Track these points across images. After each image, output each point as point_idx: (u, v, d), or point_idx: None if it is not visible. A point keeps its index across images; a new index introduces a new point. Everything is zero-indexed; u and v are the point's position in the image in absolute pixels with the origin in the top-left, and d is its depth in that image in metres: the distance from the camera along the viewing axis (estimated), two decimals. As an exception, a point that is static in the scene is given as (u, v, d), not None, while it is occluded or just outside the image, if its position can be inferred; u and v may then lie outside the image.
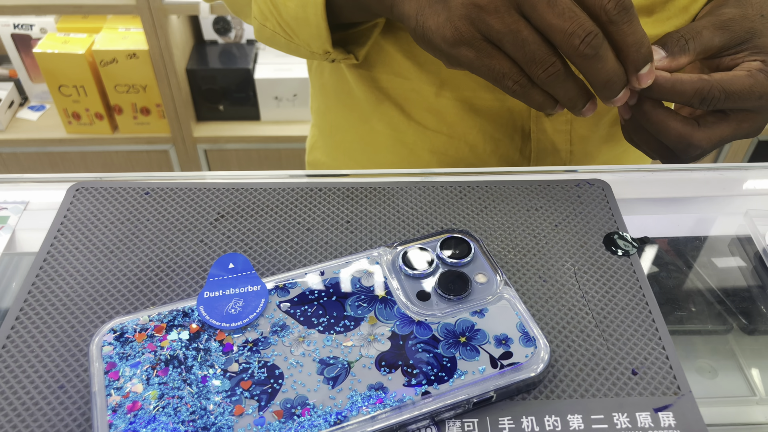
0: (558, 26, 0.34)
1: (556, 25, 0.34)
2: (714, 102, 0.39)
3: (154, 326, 0.32)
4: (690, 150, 0.41)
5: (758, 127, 0.42)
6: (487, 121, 0.55)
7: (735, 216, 0.45)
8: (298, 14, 0.46)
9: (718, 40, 0.42)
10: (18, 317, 0.34)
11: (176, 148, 1.58)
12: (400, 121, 0.57)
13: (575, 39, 0.34)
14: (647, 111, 0.41)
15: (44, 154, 1.58)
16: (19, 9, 1.36)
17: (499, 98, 0.53)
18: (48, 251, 0.38)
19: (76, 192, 0.42)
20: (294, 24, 0.47)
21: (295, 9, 0.46)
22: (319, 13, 0.45)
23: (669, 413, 0.31)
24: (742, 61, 0.41)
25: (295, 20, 0.47)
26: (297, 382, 0.30)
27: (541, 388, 0.32)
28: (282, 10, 0.47)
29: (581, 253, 0.39)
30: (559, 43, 0.35)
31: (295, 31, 0.48)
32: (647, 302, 0.36)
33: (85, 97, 1.46)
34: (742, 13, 0.43)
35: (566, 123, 0.55)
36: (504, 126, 0.55)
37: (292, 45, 0.50)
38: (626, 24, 0.35)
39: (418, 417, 0.29)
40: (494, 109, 0.54)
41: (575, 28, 0.34)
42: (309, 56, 0.51)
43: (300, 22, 0.46)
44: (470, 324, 0.33)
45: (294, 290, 0.34)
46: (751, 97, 0.39)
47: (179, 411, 0.29)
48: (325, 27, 0.45)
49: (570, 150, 0.57)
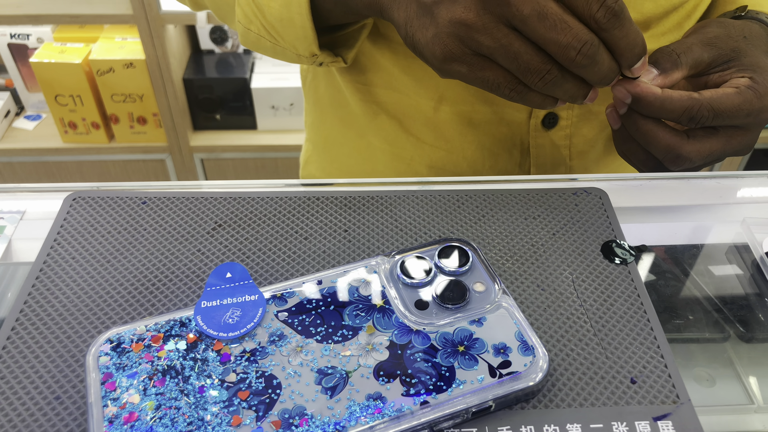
0: (552, 39, 0.34)
1: (550, 38, 0.34)
2: (702, 120, 0.39)
3: (151, 336, 0.32)
4: (678, 161, 0.41)
5: (748, 145, 0.43)
6: (485, 135, 0.55)
7: (732, 224, 0.45)
8: (283, 15, 0.45)
9: (707, 56, 0.42)
10: (14, 327, 0.34)
11: (173, 158, 1.58)
12: (398, 135, 0.57)
13: (571, 51, 0.34)
14: (636, 121, 0.41)
15: (40, 164, 1.57)
16: (15, 19, 1.36)
17: (497, 112, 0.53)
18: (44, 261, 0.38)
19: (72, 201, 0.42)
20: (279, 26, 0.46)
21: (279, 10, 0.44)
22: (303, 13, 0.43)
23: (668, 422, 0.31)
24: (730, 77, 0.42)
25: (279, 21, 0.45)
26: (295, 392, 0.30)
27: (540, 397, 0.32)
28: (266, 12, 0.46)
29: (579, 262, 0.39)
30: (555, 54, 0.35)
31: (281, 34, 0.47)
32: (645, 310, 0.36)
33: (82, 107, 1.46)
34: (726, 33, 0.43)
35: (565, 138, 0.55)
36: (502, 141, 0.55)
37: (278, 48, 0.49)
38: (617, 29, 0.35)
39: (417, 427, 0.29)
40: (493, 123, 0.54)
41: (570, 40, 0.34)
42: (296, 60, 0.50)
43: (285, 23, 0.45)
44: (469, 333, 0.33)
45: (292, 299, 0.34)
46: (738, 115, 0.40)
47: (176, 422, 0.29)
48: (310, 27, 0.44)
49: (569, 165, 0.57)
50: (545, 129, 0.54)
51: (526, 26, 0.34)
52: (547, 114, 0.53)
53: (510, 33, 0.35)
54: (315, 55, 0.48)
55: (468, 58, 0.36)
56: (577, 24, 0.34)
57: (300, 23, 0.44)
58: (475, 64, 0.36)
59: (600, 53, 0.35)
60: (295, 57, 0.49)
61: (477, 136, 0.54)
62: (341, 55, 0.51)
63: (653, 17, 0.50)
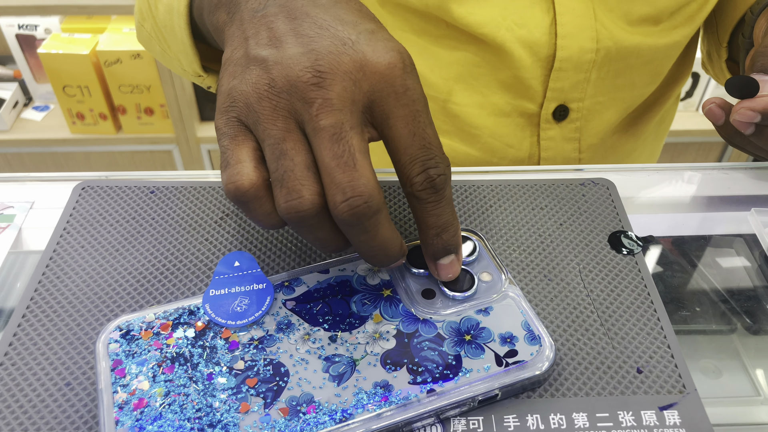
0: (330, 169, 0.28)
1: (328, 165, 0.28)
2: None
3: (160, 324, 0.33)
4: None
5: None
6: (497, 127, 0.55)
7: (740, 215, 0.44)
8: (167, 21, 0.38)
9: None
10: (24, 315, 0.35)
11: (180, 148, 1.58)
12: None
13: (338, 195, 0.28)
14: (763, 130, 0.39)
15: (48, 155, 1.58)
16: (23, 9, 1.36)
17: (510, 103, 0.53)
18: (54, 249, 0.38)
19: (81, 191, 0.42)
20: (165, 31, 0.39)
21: (165, 14, 0.38)
22: (182, 25, 0.37)
23: (674, 411, 0.31)
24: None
25: (164, 27, 0.39)
26: (302, 380, 0.30)
27: (546, 387, 0.32)
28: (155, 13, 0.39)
29: (586, 252, 0.39)
30: (326, 192, 0.28)
31: (167, 41, 0.40)
32: (652, 301, 0.36)
33: (89, 98, 1.47)
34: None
35: (576, 131, 0.55)
36: (514, 132, 0.55)
37: (166, 57, 0.43)
38: (432, 204, 0.30)
39: (424, 415, 0.29)
40: (504, 114, 0.54)
41: (347, 181, 0.27)
42: (184, 75, 0.43)
43: (168, 30, 0.38)
44: (475, 322, 0.33)
45: (299, 288, 0.34)
46: None
47: (185, 408, 0.29)
48: (189, 43, 0.38)
49: (579, 158, 0.57)
50: (555, 121, 0.54)
51: (314, 138, 0.28)
52: (558, 106, 0.53)
53: (296, 137, 0.29)
54: (200, 76, 0.41)
55: (236, 127, 0.30)
56: (366, 172, 0.28)
57: (180, 36, 0.38)
58: (238, 136, 0.30)
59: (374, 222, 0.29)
60: (181, 71, 0.43)
61: (488, 128, 0.54)
62: None
63: (665, 10, 0.50)
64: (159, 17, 0.39)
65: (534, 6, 0.49)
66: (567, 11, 0.49)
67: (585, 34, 0.49)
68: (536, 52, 0.50)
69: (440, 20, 0.50)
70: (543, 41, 0.49)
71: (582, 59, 0.50)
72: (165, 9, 0.37)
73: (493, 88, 0.53)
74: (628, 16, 0.50)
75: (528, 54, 0.50)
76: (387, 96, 0.29)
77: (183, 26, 0.37)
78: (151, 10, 0.40)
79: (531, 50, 0.50)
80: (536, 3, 0.49)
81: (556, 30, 0.49)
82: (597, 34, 0.49)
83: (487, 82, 0.52)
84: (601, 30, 0.49)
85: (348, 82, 0.29)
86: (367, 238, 0.29)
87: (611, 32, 0.50)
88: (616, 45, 0.50)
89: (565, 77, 0.51)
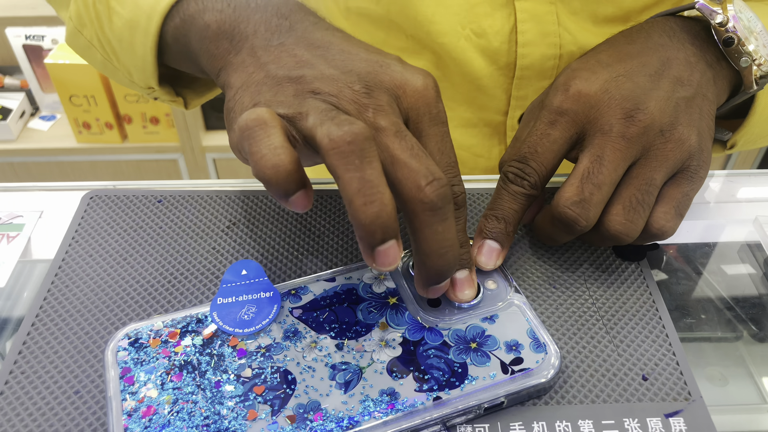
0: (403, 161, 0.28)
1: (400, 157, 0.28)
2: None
3: (168, 332, 0.33)
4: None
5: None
6: (464, 138, 0.54)
7: (744, 222, 0.45)
8: (124, 36, 0.38)
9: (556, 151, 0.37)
10: (33, 323, 0.35)
11: (185, 157, 1.59)
12: None
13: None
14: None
15: (55, 164, 1.59)
16: (30, 20, 1.38)
17: (475, 114, 0.53)
18: (63, 258, 0.38)
19: (90, 200, 0.42)
20: (117, 45, 0.39)
21: (122, 29, 0.38)
22: (148, 45, 0.37)
23: (680, 419, 0.31)
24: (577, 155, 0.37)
25: (119, 41, 0.39)
26: (309, 387, 0.31)
27: (552, 394, 0.32)
28: (105, 24, 0.39)
29: (591, 260, 0.39)
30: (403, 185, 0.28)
31: (117, 53, 0.40)
32: (657, 308, 0.36)
33: (96, 107, 1.48)
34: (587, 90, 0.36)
35: None
36: (480, 143, 0.55)
37: (109, 66, 0.42)
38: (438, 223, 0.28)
39: (430, 422, 0.30)
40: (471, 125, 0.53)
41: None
42: (128, 84, 0.43)
43: (124, 45, 0.38)
44: (481, 330, 0.33)
45: (306, 296, 0.35)
46: None
47: (193, 415, 0.29)
48: (152, 62, 0.38)
49: None
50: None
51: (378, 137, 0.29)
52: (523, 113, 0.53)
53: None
54: (151, 89, 0.42)
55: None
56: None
57: (141, 53, 0.38)
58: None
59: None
60: (127, 82, 0.43)
61: (456, 139, 0.53)
62: (183, 95, 0.45)
63: (632, 11, 0.49)
64: (112, 29, 0.38)
65: (495, 12, 0.48)
66: (528, 18, 0.48)
67: (547, 40, 0.48)
68: (496, 60, 0.49)
69: (401, 32, 0.50)
70: (503, 50, 0.49)
71: (544, 66, 0.49)
72: (124, 24, 0.37)
73: (458, 101, 0.52)
74: (594, 17, 0.49)
75: (488, 63, 0.49)
76: (423, 115, 0.32)
77: (150, 45, 0.37)
78: (99, 20, 0.39)
79: (491, 59, 0.49)
80: (497, 9, 0.48)
81: (516, 38, 0.48)
82: (560, 40, 0.48)
83: (451, 95, 0.52)
84: (564, 35, 0.48)
85: (391, 96, 0.31)
86: (444, 228, 0.28)
87: (575, 37, 0.49)
88: (580, 50, 0.49)
89: (528, 84, 0.50)
